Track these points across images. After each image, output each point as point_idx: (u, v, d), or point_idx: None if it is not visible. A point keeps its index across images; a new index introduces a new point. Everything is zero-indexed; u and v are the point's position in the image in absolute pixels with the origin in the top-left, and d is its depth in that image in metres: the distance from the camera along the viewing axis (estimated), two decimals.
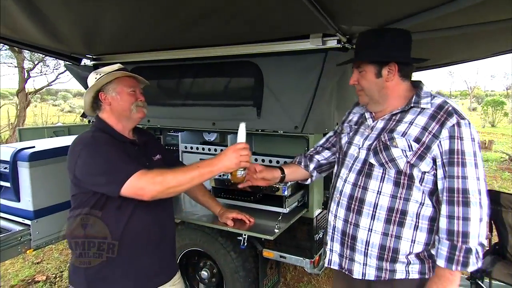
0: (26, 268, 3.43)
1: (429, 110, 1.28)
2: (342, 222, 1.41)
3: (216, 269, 2.45)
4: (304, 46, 2.07)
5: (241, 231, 1.88)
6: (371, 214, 1.33)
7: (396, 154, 1.28)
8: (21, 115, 10.57)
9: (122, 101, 1.54)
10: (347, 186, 1.41)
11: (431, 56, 3.09)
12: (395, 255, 1.31)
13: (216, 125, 2.40)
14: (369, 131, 1.41)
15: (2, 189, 2.40)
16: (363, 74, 1.38)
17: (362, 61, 1.38)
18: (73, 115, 17.45)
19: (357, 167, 1.40)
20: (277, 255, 2.23)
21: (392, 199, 1.30)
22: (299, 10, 1.61)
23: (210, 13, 1.76)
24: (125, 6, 1.75)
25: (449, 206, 1.20)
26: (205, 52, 2.39)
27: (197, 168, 1.38)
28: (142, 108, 1.59)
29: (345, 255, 1.41)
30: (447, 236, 1.20)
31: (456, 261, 1.18)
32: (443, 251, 1.21)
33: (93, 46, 2.60)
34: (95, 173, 1.39)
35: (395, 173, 1.29)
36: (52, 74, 11.85)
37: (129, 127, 1.60)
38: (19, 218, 2.32)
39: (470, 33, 2.05)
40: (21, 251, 2.24)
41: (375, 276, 1.35)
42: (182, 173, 1.38)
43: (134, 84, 1.59)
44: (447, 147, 1.22)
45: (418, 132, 1.26)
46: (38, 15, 1.84)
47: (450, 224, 1.19)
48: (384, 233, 1.31)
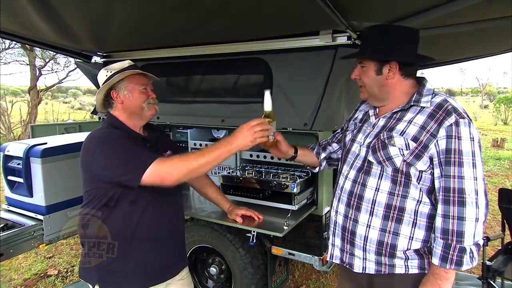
0: (38, 262, 3.49)
1: (429, 109, 1.28)
2: (343, 217, 1.43)
3: (224, 266, 2.46)
4: (313, 43, 2.05)
5: (250, 228, 1.88)
6: (370, 210, 1.35)
7: (393, 153, 1.29)
8: (32, 112, 10.75)
9: (134, 99, 1.55)
10: (347, 182, 1.43)
11: (443, 52, 3.05)
12: (392, 250, 1.32)
13: (225, 122, 2.40)
14: (371, 129, 1.42)
15: (16, 184, 2.45)
16: (364, 70, 1.38)
17: (361, 58, 1.40)
18: (83, 112, 17.66)
19: (358, 164, 1.42)
20: (285, 252, 2.23)
21: (389, 196, 1.31)
22: (310, 7, 1.60)
23: (219, 11, 1.76)
24: (135, 4, 1.76)
25: (444, 205, 1.21)
26: (215, 49, 2.39)
27: (216, 150, 1.39)
28: (153, 105, 1.60)
29: (346, 250, 1.44)
30: (441, 235, 1.21)
31: (450, 260, 1.19)
32: (438, 250, 1.22)
33: (104, 43, 2.63)
34: (114, 164, 1.39)
35: (392, 171, 1.31)
36: (62, 71, 12.03)
37: (140, 125, 1.62)
38: (32, 213, 2.37)
39: (482, 28, 2.01)
40: (34, 246, 2.29)
41: (375, 270, 1.37)
42: (201, 155, 1.39)
43: (145, 81, 1.60)
44: (443, 146, 1.22)
45: (416, 131, 1.27)
46: (50, 13, 1.86)
47: (445, 223, 1.20)
48: (382, 229, 1.33)
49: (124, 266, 1.49)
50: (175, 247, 1.66)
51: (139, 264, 1.51)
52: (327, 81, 2.02)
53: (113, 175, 1.40)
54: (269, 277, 2.32)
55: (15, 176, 2.42)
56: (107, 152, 1.41)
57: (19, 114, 11.06)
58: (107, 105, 1.59)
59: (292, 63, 2.15)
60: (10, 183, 2.48)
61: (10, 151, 2.41)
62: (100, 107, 1.61)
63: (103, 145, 1.43)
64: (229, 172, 2.39)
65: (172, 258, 1.63)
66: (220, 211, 1.99)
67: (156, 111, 1.62)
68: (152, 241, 1.52)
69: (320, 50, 2.04)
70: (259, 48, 2.23)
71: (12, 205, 2.50)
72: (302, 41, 2.09)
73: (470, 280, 2.68)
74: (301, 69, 2.11)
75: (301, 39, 2.08)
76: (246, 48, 2.27)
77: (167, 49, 2.58)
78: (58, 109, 14.05)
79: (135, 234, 1.47)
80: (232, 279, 2.37)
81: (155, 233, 1.53)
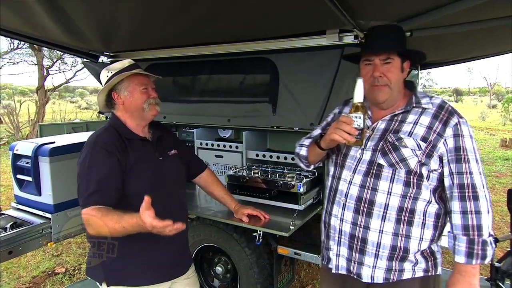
0: (46, 260, 3.53)
1: (431, 110, 1.31)
2: (350, 225, 1.36)
3: (230, 265, 2.46)
4: (320, 42, 2.04)
5: (256, 228, 1.88)
6: (382, 215, 1.30)
7: (407, 154, 1.28)
8: (40, 112, 10.87)
9: (134, 99, 1.55)
10: (353, 188, 1.36)
11: (451, 51, 3.02)
12: (405, 254, 1.31)
13: (231, 121, 2.40)
14: (370, 132, 1.38)
15: (25, 183, 2.47)
16: (389, 67, 1.30)
17: (390, 52, 1.30)
18: (90, 111, 17.82)
19: (363, 168, 1.36)
20: (291, 252, 2.23)
21: (402, 199, 1.29)
22: (316, 6, 1.59)
23: (225, 10, 1.76)
24: (141, 3, 1.77)
25: (461, 202, 1.23)
26: (221, 48, 2.39)
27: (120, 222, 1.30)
28: (154, 105, 1.59)
29: (354, 259, 1.37)
30: (463, 232, 1.22)
31: (476, 255, 1.21)
32: (462, 247, 1.22)
33: (111, 43, 2.64)
34: (79, 176, 1.45)
35: (405, 173, 1.29)
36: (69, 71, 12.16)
37: (142, 125, 1.62)
38: (40, 212, 2.39)
39: (491, 27, 1.99)
40: (42, 244, 2.31)
41: (384, 279, 1.33)
42: (118, 222, 1.31)
43: (146, 81, 1.59)
44: (452, 145, 1.25)
45: (424, 132, 1.28)
46: (60, 14, 1.88)
47: (465, 219, 1.22)
48: (394, 234, 1.30)
49: (130, 263, 1.51)
50: (180, 246, 1.67)
51: (143, 262, 1.52)
52: (334, 81, 2.01)
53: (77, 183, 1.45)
54: (274, 277, 2.32)
55: (24, 174, 2.44)
56: (84, 162, 1.45)
57: (27, 113, 11.18)
58: (109, 106, 1.61)
59: (298, 63, 2.15)
60: (19, 182, 2.50)
61: (19, 150, 2.44)
62: (103, 108, 1.63)
63: (86, 153, 1.46)
64: (235, 171, 2.39)
65: (177, 256, 1.64)
66: (226, 210, 2.00)
67: (157, 111, 1.61)
68: (154, 240, 1.51)
69: (327, 50, 2.03)
70: (265, 48, 2.23)
71: (21, 204, 2.53)
72: (308, 41, 2.08)
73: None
74: (308, 69, 2.11)
75: (308, 38, 2.08)
76: (252, 48, 2.27)
77: (173, 49, 2.59)
78: (65, 109, 14.19)
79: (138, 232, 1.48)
80: (238, 278, 2.37)
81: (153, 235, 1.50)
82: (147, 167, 1.54)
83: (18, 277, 3.21)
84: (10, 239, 2.13)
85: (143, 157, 1.54)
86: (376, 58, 1.32)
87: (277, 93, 2.21)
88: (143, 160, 1.53)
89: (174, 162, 1.68)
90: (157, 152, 1.62)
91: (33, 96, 16.64)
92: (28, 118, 11.08)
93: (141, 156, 1.53)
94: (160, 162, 1.60)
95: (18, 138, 9.93)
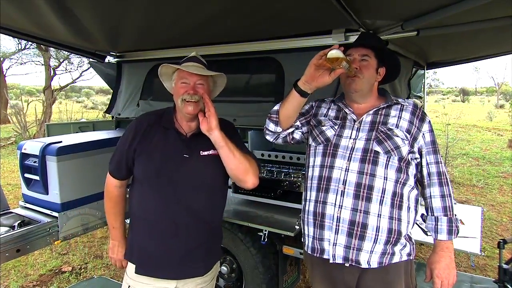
0: (53, 258, 3.56)
1: (409, 107, 1.48)
2: (350, 211, 1.38)
3: (235, 265, 2.47)
4: (326, 42, 2.05)
5: (262, 227, 1.89)
6: (380, 200, 1.38)
7: (399, 143, 1.41)
8: (47, 112, 11.00)
9: (174, 92, 1.52)
10: (351, 175, 1.40)
11: (458, 50, 2.99)
12: (399, 237, 1.40)
13: (237, 121, 2.41)
14: (358, 125, 1.47)
15: (32, 182, 2.50)
16: (366, 64, 1.46)
17: (371, 50, 1.47)
18: (96, 111, 17.92)
19: (358, 156, 1.41)
20: (297, 252, 2.22)
21: (395, 184, 1.40)
22: (322, 6, 1.59)
23: (231, 9, 1.76)
24: (148, 4, 1.78)
25: (440, 187, 1.44)
26: (227, 48, 2.40)
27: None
28: (188, 103, 1.44)
29: (353, 246, 1.38)
30: (443, 212, 1.43)
31: (454, 231, 1.43)
32: (444, 226, 1.42)
33: (117, 43, 2.66)
34: (115, 147, 1.61)
35: (397, 160, 1.41)
36: (76, 71, 12.28)
37: (184, 119, 1.52)
38: (47, 210, 2.41)
39: (499, 26, 1.97)
40: (49, 242, 2.32)
41: (378, 263, 1.39)
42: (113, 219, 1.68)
43: (190, 75, 1.47)
44: (429, 138, 1.46)
45: (407, 125, 1.44)
46: (66, 14, 1.90)
47: (443, 202, 1.43)
48: (390, 217, 1.38)
49: (128, 244, 1.62)
50: (179, 250, 1.51)
51: (133, 247, 1.58)
52: (339, 80, 2.00)
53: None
54: (280, 277, 2.32)
55: (31, 173, 2.46)
56: (122, 135, 1.60)
57: (34, 113, 11.30)
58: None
59: (304, 62, 2.12)
60: (27, 181, 2.52)
61: (27, 149, 2.46)
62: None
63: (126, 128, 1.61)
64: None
65: (172, 259, 1.50)
66: (231, 210, 2.00)
67: (191, 111, 1.45)
68: (143, 229, 1.53)
69: None
70: (271, 48, 2.23)
71: (28, 202, 2.55)
72: (314, 40, 2.08)
73: (486, 283, 2.62)
74: None
75: (314, 38, 2.08)
76: (258, 48, 2.27)
77: (180, 49, 2.60)
78: (72, 109, 14.29)
79: (133, 215, 1.57)
80: (243, 278, 2.37)
81: (148, 223, 1.51)
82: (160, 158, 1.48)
83: (25, 275, 3.25)
84: (18, 237, 2.14)
85: (164, 149, 1.48)
86: (356, 54, 1.47)
87: (283, 92, 2.21)
88: (160, 151, 1.48)
89: (204, 162, 1.52)
90: (187, 148, 1.50)
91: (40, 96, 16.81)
92: (35, 118, 11.19)
93: (163, 147, 1.48)
94: (184, 159, 1.49)
95: (26, 137, 10.03)
